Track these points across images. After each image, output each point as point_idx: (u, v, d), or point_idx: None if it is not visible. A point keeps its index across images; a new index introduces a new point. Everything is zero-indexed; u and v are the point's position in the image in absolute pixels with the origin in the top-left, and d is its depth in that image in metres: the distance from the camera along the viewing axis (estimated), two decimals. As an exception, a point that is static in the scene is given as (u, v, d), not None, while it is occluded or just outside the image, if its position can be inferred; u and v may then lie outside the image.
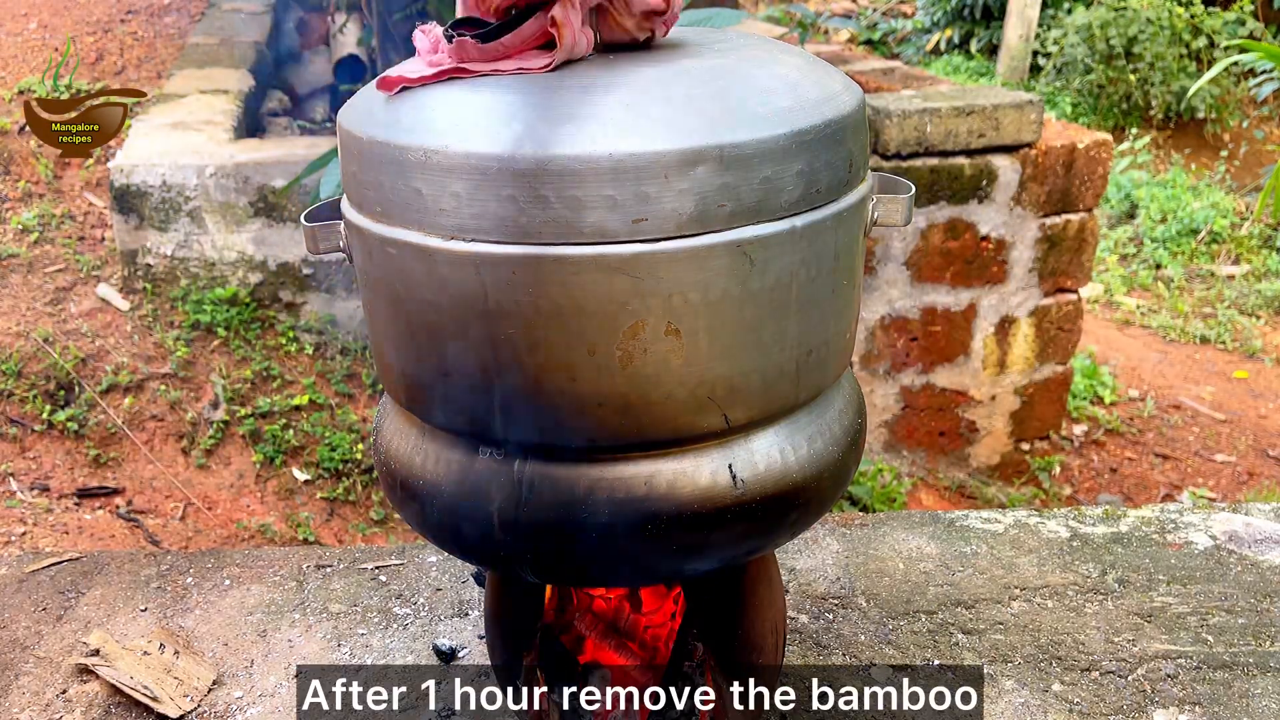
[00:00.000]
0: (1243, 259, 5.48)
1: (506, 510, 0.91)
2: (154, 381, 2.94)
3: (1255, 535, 1.67)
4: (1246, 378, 4.44)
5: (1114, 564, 1.60)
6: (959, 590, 1.54)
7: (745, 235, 0.83)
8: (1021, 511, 1.75)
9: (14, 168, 3.53)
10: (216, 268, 3.10)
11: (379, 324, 0.95)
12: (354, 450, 2.95)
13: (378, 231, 0.88)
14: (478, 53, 0.87)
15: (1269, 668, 1.38)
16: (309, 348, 3.15)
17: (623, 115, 0.80)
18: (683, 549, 0.92)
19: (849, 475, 1.04)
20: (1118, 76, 6.74)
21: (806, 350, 0.92)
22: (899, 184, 0.99)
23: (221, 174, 3.01)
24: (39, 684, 1.37)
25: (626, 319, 0.83)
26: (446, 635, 1.46)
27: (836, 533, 1.69)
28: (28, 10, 4.45)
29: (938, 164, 3.23)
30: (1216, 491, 3.66)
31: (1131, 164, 6.42)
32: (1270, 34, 6.92)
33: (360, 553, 1.67)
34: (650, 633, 1.21)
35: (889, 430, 3.56)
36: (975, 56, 7.71)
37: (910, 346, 3.47)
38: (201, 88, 3.71)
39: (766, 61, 0.91)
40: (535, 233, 0.81)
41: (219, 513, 2.74)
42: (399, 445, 1.00)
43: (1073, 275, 3.55)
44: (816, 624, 1.48)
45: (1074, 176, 3.40)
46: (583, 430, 0.88)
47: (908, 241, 3.31)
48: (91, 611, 1.51)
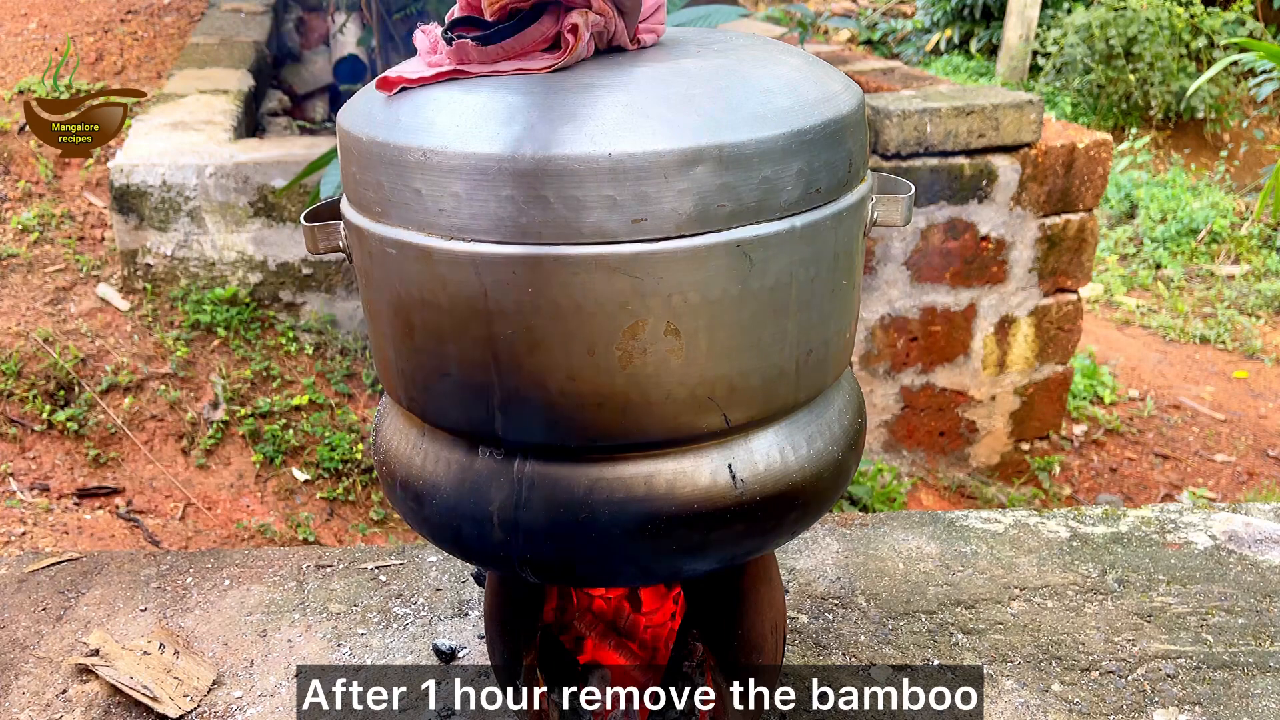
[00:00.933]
0: (1243, 259, 5.48)
1: (506, 510, 0.91)
2: (154, 381, 2.95)
3: (1255, 535, 1.67)
4: (1246, 378, 4.44)
5: (1114, 564, 1.60)
6: (959, 590, 1.54)
7: (745, 235, 0.83)
8: (1021, 511, 1.75)
9: (14, 168, 3.53)
10: (216, 268, 3.10)
11: (379, 324, 0.95)
12: (354, 450, 2.95)
13: (377, 231, 0.88)
14: (478, 54, 0.87)
15: (1269, 668, 1.38)
16: (309, 348, 3.15)
17: (622, 115, 0.80)
18: (682, 549, 0.92)
19: (849, 475, 1.03)
20: (1117, 76, 6.74)
21: (806, 350, 0.92)
22: (899, 184, 0.99)
23: (221, 174, 3.01)
24: (39, 684, 1.37)
25: (626, 319, 0.83)
26: (446, 635, 1.46)
27: (836, 533, 1.69)
28: (28, 10, 4.45)
29: (938, 164, 3.23)
30: (1216, 491, 3.66)
31: (1131, 164, 6.43)
32: (1270, 34, 6.93)
33: (360, 553, 1.67)
34: (650, 633, 1.21)
35: (889, 430, 3.56)
36: (975, 56, 7.72)
37: (910, 346, 3.47)
38: (201, 88, 3.71)
39: (766, 61, 0.91)
40: (535, 233, 0.81)
41: (219, 513, 2.74)
42: (399, 445, 1.00)
43: (1073, 275, 3.55)
44: (816, 624, 1.48)
45: (1074, 176, 3.40)
46: (582, 430, 0.88)
47: (908, 241, 3.31)
48: (91, 611, 1.51)
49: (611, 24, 0.89)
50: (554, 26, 0.87)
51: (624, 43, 0.92)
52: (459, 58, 0.87)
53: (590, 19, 0.86)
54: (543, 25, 0.86)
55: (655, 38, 0.96)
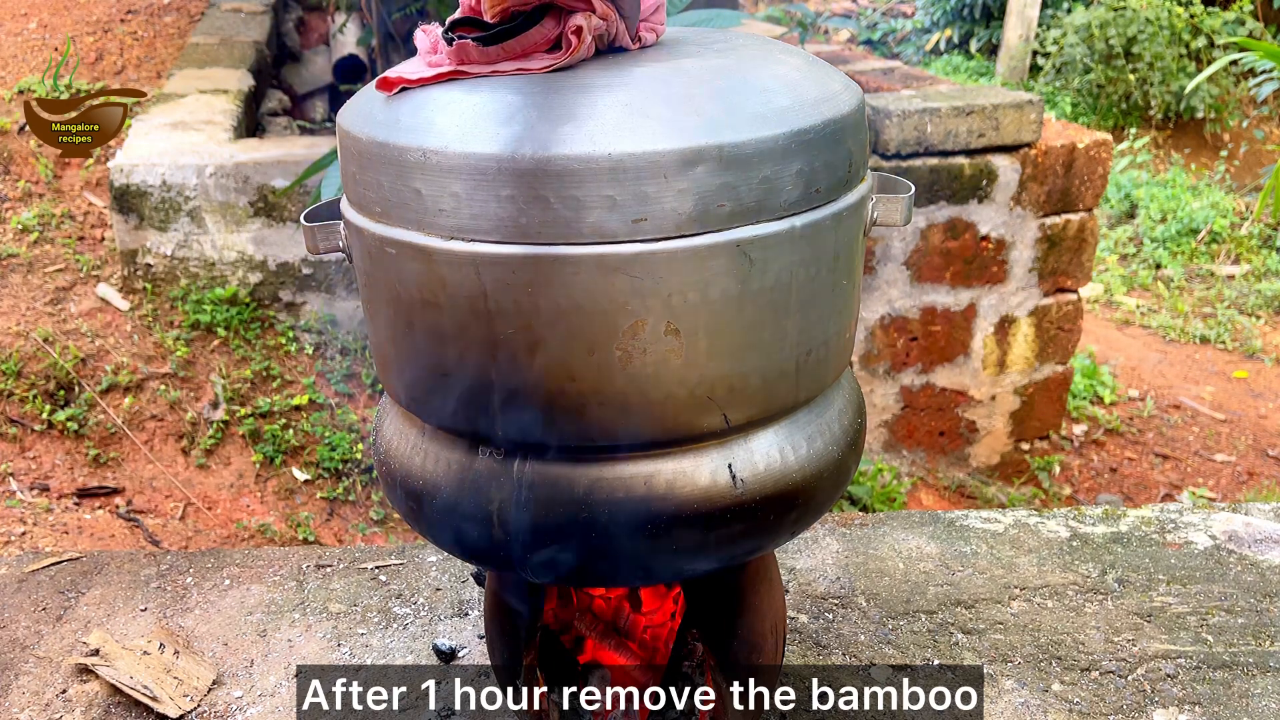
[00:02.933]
0: (1243, 259, 5.48)
1: (506, 510, 0.91)
2: (154, 381, 2.95)
3: (1255, 535, 1.67)
4: (1246, 378, 4.44)
5: (1114, 564, 1.60)
6: (959, 590, 1.54)
7: (745, 235, 0.83)
8: (1021, 511, 1.75)
9: (14, 168, 3.53)
10: (216, 267, 3.10)
11: (379, 324, 0.95)
12: (354, 450, 2.95)
13: (377, 231, 0.88)
14: (479, 55, 0.87)
15: (1269, 668, 1.38)
16: (309, 348, 3.15)
17: (622, 115, 0.80)
18: (682, 549, 0.92)
19: (849, 475, 1.04)
20: (1117, 76, 6.74)
21: (806, 350, 0.92)
22: (899, 184, 0.99)
23: (221, 174, 3.01)
24: (39, 684, 1.37)
25: (626, 319, 0.83)
26: (446, 635, 1.46)
27: (836, 533, 1.69)
28: (28, 10, 4.45)
29: (938, 164, 3.23)
30: (1216, 491, 3.66)
31: (1131, 164, 6.43)
32: (1270, 34, 6.93)
33: (360, 553, 1.67)
34: (650, 633, 1.21)
35: (889, 430, 3.57)
36: (975, 56, 7.72)
37: (910, 346, 3.47)
38: (201, 88, 3.71)
39: (765, 61, 0.91)
40: (535, 233, 0.81)
41: (219, 512, 2.74)
42: (399, 445, 1.00)
43: (1073, 275, 3.55)
44: (816, 624, 1.48)
45: (1074, 176, 3.40)
46: (582, 430, 0.88)
47: (908, 241, 3.31)
48: (91, 611, 1.51)
49: (613, 26, 0.89)
50: (556, 28, 0.87)
51: (625, 43, 0.92)
52: (459, 58, 0.87)
53: (593, 22, 0.86)
54: (544, 27, 0.86)
55: (655, 37, 0.96)
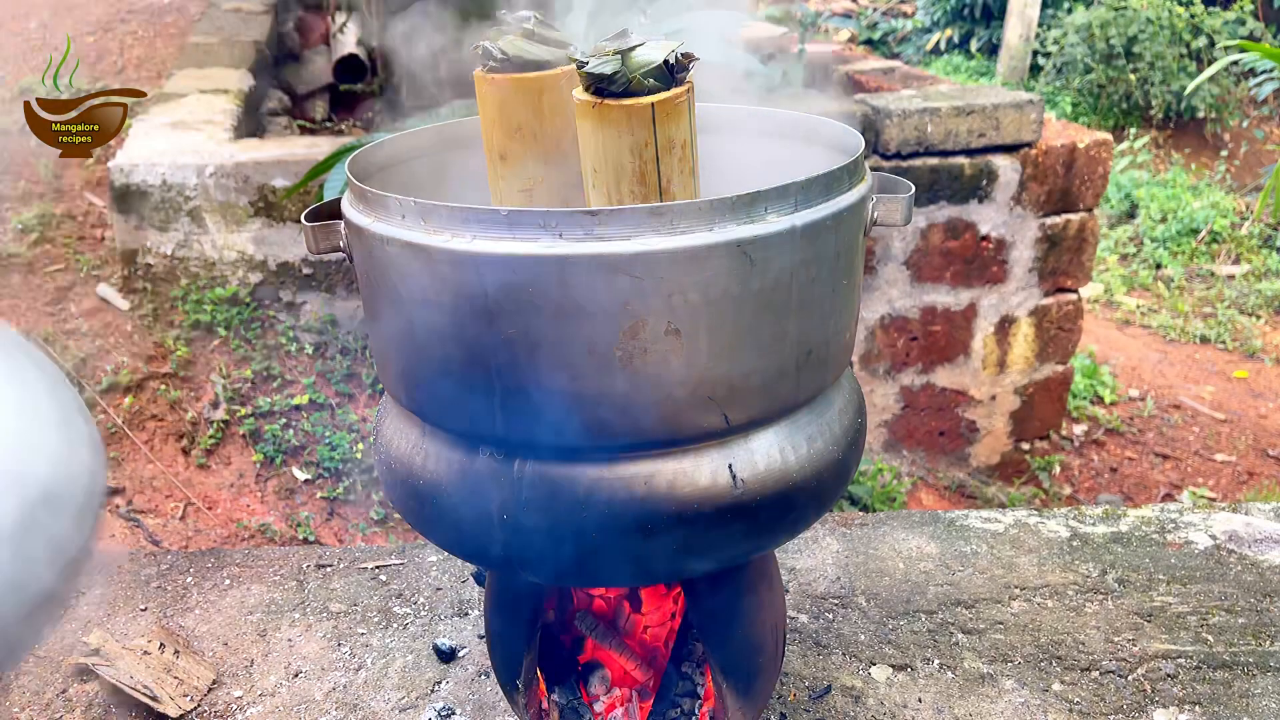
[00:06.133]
0: (1243, 259, 5.48)
1: (506, 510, 0.91)
2: (154, 381, 2.94)
3: (1255, 535, 1.67)
4: (1246, 377, 4.44)
5: (1114, 564, 1.60)
6: (959, 590, 1.54)
7: (745, 235, 0.83)
8: (1021, 511, 1.75)
9: (14, 168, 3.53)
10: (216, 267, 3.09)
11: (379, 324, 0.95)
12: (354, 450, 2.95)
13: (378, 231, 0.88)
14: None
15: (1269, 667, 1.38)
16: (309, 347, 3.15)
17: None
18: (682, 549, 0.92)
19: (849, 475, 1.03)
20: (1118, 76, 6.74)
21: (806, 350, 0.92)
22: (899, 184, 0.99)
23: (221, 173, 3.01)
24: (39, 683, 1.37)
25: (626, 319, 0.83)
26: (446, 635, 1.46)
27: (836, 533, 1.69)
28: (28, 10, 4.45)
29: (938, 164, 3.23)
30: (1216, 491, 3.66)
31: (1131, 164, 6.43)
32: (1270, 34, 6.93)
33: (360, 552, 1.67)
34: (650, 633, 1.21)
35: (889, 430, 3.56)
36: (975, 56, 7.72)
37: (910, 346, 3.46)
38: (201, 87, 3.71)
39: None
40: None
41: (219, 512, 2.74)
42: (399, 445, 1.00)
43: (1073, 275, 3.55)
44: (816, 624, 1.48)
45: (1074, 176, 3.40)
46: (582, 430, 0.88)
47: (908, 241, 3.31)
48: (91, 611, 1.51)
49: None
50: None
51: None
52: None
53: None
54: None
55: None
